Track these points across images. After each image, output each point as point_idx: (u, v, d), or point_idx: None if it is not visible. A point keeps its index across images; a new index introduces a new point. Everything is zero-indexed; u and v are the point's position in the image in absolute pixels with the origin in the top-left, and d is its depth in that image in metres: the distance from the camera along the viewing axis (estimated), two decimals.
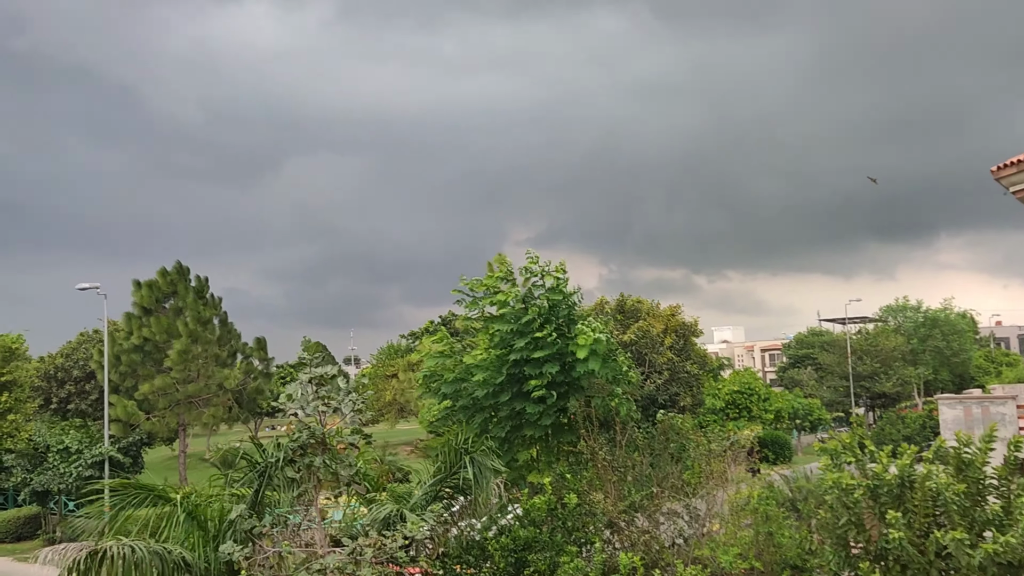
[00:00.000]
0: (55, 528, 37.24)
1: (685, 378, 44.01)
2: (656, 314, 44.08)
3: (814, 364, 74.08)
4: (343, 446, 10.68)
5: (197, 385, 38.73)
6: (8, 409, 40.43)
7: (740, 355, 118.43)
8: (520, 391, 19.67)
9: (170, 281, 40.42)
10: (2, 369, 40.35)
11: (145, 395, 38.49)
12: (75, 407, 52.21)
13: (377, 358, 77.49)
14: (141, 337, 39.17)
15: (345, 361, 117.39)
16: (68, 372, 53.10)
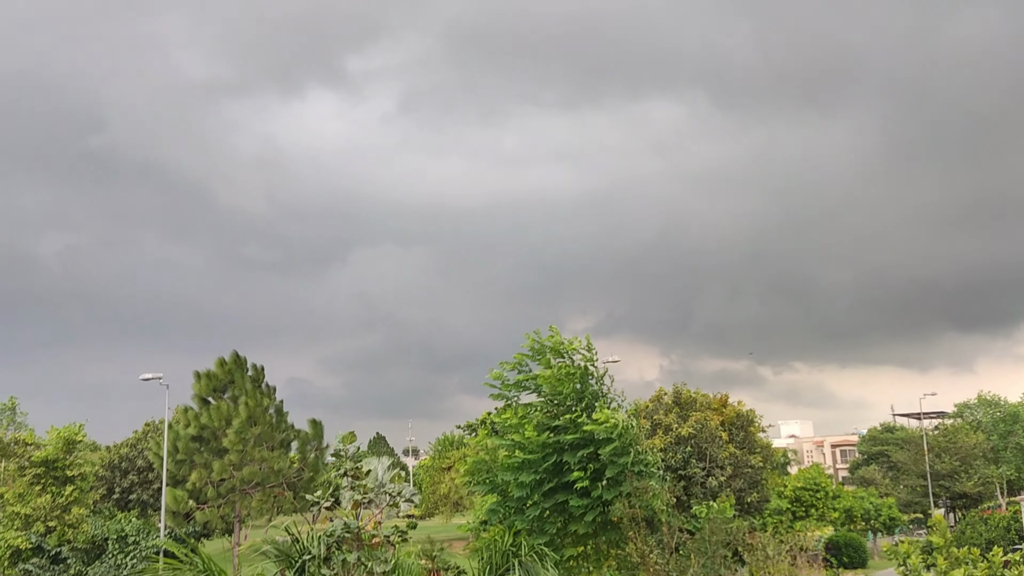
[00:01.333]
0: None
1: (749, 473, 42.42)
2: (712, 406, 42.95)
3: (888, 461, 70.94)
4: (378, 541, 10.38)
5: (252, 469, 38.69)
6: (72, 501, 41.00)
7: (809, 450, 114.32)
8: (561, 483, 19.10)
9: (227, 371, 41.05)
10: (65, 461, 41.12)
11: (198, 484, 38.61)
12: (137, 497, 52.73)
13: (433, 449, 76.80)
14: (199, 426, 39.61)
15: (404, 452, 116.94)
16: (132, 462, 53.88)
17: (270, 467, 39.08)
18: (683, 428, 40.02)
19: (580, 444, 19.07)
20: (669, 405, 42.35)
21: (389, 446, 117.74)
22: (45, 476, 40.84)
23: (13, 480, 40.83)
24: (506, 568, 13.38)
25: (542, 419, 19.87)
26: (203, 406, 40.33)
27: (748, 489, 42.11)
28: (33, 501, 40.07)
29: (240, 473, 38.59)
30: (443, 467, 64.31)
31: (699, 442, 40.25)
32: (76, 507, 41.16)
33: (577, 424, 19.11)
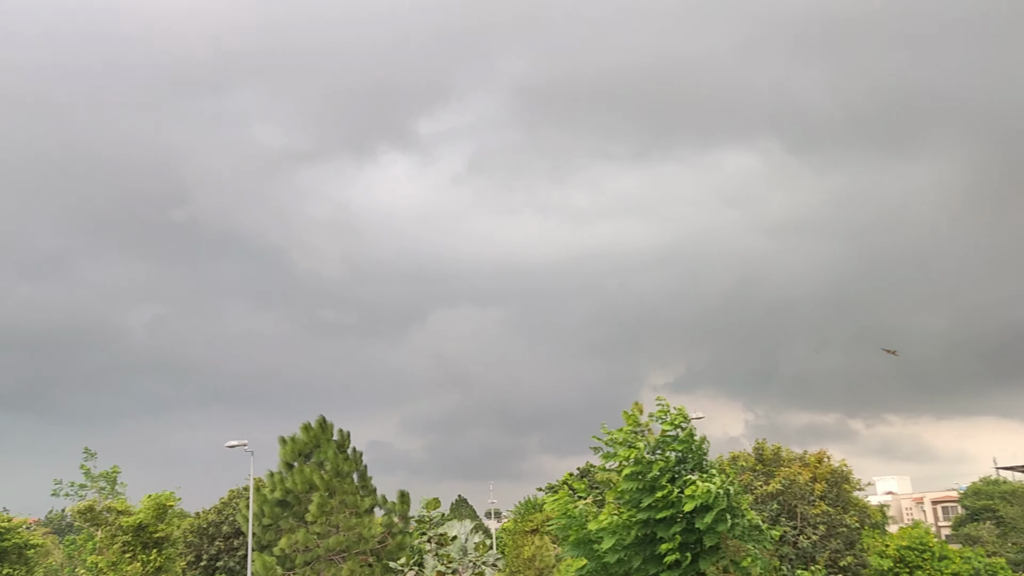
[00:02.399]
0: None
1: (844, 532, 40.48)
2: (801, 461, 41.28)
3: (995, 518, 66.94)
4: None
5: (338, 538, 38.71)
6: (159, 568, 41.67)
7: (908, 507, 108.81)
8: (652, 554, 18.43)
9: (313, 436, 41.43)
10: (155, 527, 41.95)
11: (284, 550, 38.78)
12: (224, 564, 53.29)
13: (516, 512, 75.79)
14: (283, 491, 39.96)
15: (486, 515, 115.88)
16: (218, 528, 54.63)
17: (356, 534, 39.04)
18: (769, 485, 38.58)
19: (673, 519, 18.47)
20: (751, 464, 40.95)
21: (471, 507, 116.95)
22: (134, 542, 41.65)
23: (106, 548, 41.73)
24: None
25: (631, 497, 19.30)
26: (288, 471, 40.75)
27: (844, 551, 40.16)
28: (124, 568, 40.83)
29: (326, 541, 38.66)
30: (526, 530, 63.34)
31: (787, 499, 38.72)
32: (164, 574, 41.76)
33: (669, 500, 18.48)
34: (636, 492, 18.82)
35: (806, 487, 39.45)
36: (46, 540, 66.38)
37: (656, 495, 18.40)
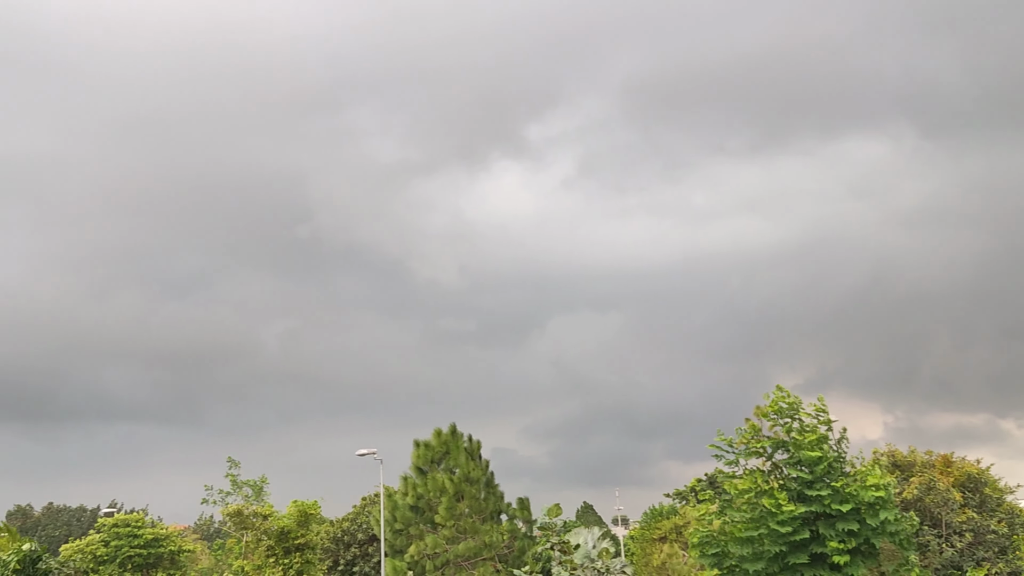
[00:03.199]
0: None
1: (994, 540, 38.26)
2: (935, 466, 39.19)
3: None
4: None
5: (466, 544, 39.54)
6: (300, 572, 43.66)
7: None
8: (810, 556, 17.81)
9: (443, 442, 42.62)
10: (298, 532, 44.00)
11: (414, 556, 39.91)
12: (360, 569, 55.19)
13: (643, 520, 75.00)
14: (415, 496, 41.19)
15: (613, 522, 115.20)
16: (353, 535, 56.61)
17: (482, 540, 39.80)
18: (906, 491, 36.89)
19: (838, 515, 17.92)
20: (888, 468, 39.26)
21: (597, 515, 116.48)
22: (277, 547, 43.79)
23: (252, 552, 44.04)
24: None
25: (793, 486, 18.81)
26: (419, 476, 42.00)
27: (994, 559, 37.96)
28: (268, 572, 42.97)
29: (455, 547, 39.57)
30: (654, 537, 62.70)
31: (927, 507, 36.94)
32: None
33: (838, 492, 17.94)
34: (797, 484, 18.32)
35: (946, 492, 37.51)
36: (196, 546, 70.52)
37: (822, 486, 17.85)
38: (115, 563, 51.80)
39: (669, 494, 78.06)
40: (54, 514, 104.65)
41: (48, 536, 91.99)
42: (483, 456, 43.34)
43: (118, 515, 55.49)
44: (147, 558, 53.27)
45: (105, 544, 52.33)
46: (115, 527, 52.97)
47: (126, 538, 52.45)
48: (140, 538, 52.59)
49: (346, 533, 56.85)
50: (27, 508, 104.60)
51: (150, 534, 53.04)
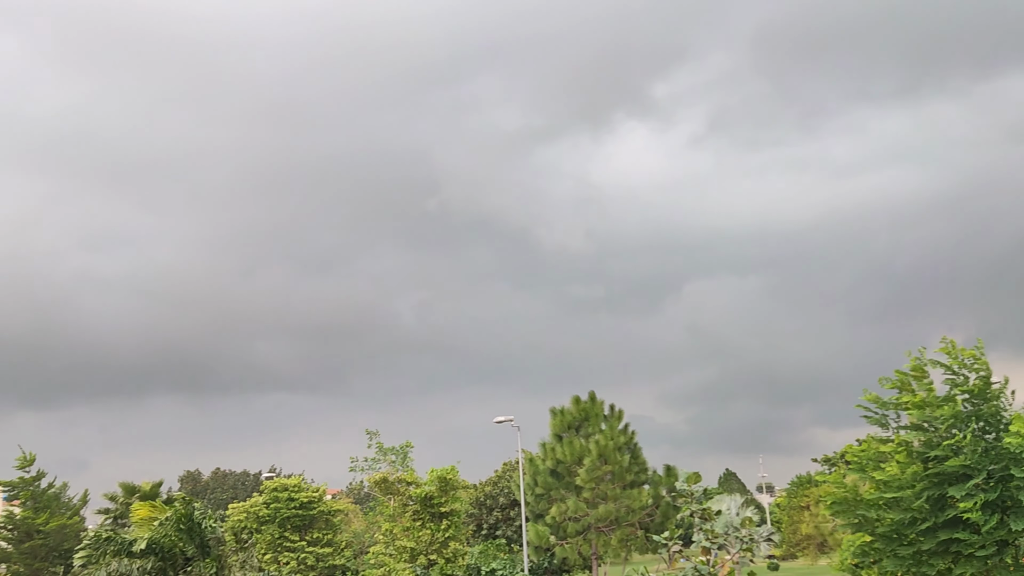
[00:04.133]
0: None
1: None
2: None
3: None
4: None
5: (607, 507, 39.45)
6: (449, 537, 44.85)
7: None
8: (947, 519, 16.70)
9: (582, 409, 42.66)
10: (441, 499, 45.13)
11: (556, 518, 40.19)
12: (502, 532, 56.28)
13: (790, 488, 72.98)
14: (555, 460, 41.43)
15: (757, 489, 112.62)
16: (495, 500, 57.70)
17: (625, 506, 39.62)
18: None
19: (967, 474, 16.67)
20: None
21: (740, 482, 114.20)
22: (423, 512, 45.10)
23: (399, 516, 45.52)
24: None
25: (916, 449, 17.65)
26: (557, 442, 42.22)
27: None
28: (415, 535, 44.34)
29: (595, 511, 39.58)
30: (802, 505, 60.80)
31: None
32: (452, 542, 44.83)
33: (961, 449, 16.73)
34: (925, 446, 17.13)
35: None
36: (348, 507, 73.79)
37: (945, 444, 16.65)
38: (275, 523, 54.82)
39: (817, 459, 75.57)
40: (220, 478, 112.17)
41: (216, 499, 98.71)
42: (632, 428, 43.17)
43: (277, 479, 58.60)
44: (304, 519, 56.09)
45: (267, 505, 55.47)
46: (275, 490, 56.01)
47: (284, 501, 55.38)
48: (296, 501, 55.42)
49: (488, 497, 58.00)
50: (196, 473, 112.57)
51: (305, 497, 55.79)
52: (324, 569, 57.73)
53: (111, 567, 20.60)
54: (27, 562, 46.45)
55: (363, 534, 63.40)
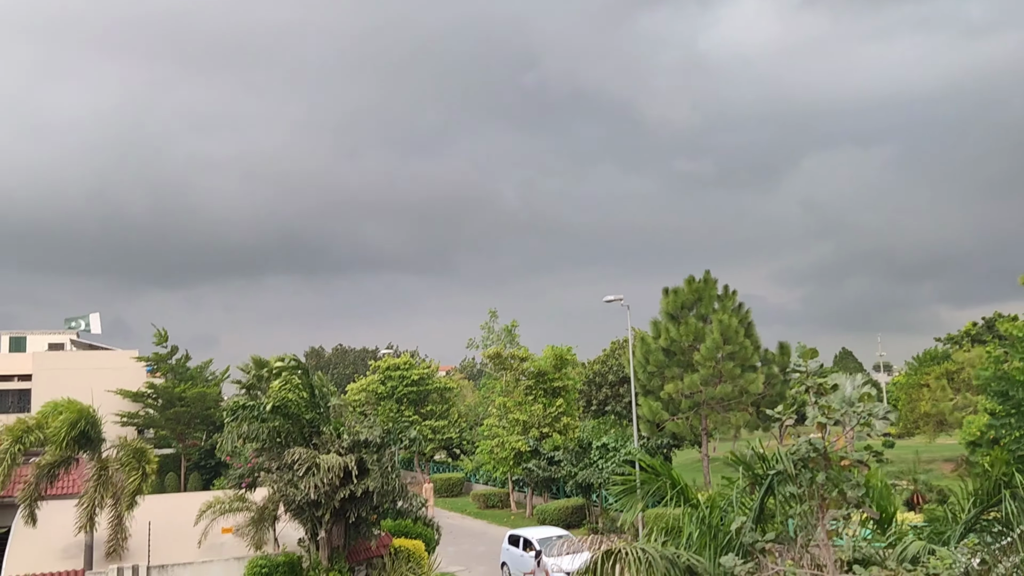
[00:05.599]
0: (597, 519, 41.04)
1: None
2: None
3: None
4: (848, 463, 9.66)
5: (723, 388, 39.50)
6: (562, 411, 46.07)
7: None
8: None
9: (695, 289, 42.23)
10: (554, 375, 46.17)
11: (670, 395, 40.54)
12: (612, 409, 57.33)
13: (910, 366, 71.07)
14: (668, 339, 41.46)
15: (874, 368, 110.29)
16: (604, 377, 58.56)
17: (740, 386, 39.53)
18: None
19: None
20: None
21: (857, 361, 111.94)
22: (536, 388, 46.30)
23: (512, 390, 46.93)
24: (997, 499, 11.63)
25: None
26: (670, 321, 42.11)
27: None
28: (528, 409, 45.72)
29: (710, 389, 39.68)
30: (922, 383, 59.20)
31: None
32: (565, 416, 46.03)
33: None
34: None
35: None
36: (461, 383, 76.53)
37: None
38: (392, 399, 57.52)
39: (940, 339, 73.00)
40: (342, 354, 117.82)
41: (339, 374, 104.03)
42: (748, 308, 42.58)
43: (387, 358, 61.04)
44: (418, 394, 58.63)
45: (382, 383, 58.14)
46: (387, 369, 58.50)
47: (398, 379, 57.88)
48: (409, 378, 57.82)
49: (597, 375, 58.88)
50: (320, 349, 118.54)
51: (416, 375, 58.08)
52: (441, 440, 60.60)
53: (242, 429, 22.13)
54: (171, 427, 50.38)
55: (476, 408, 65.79)
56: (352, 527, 23.19)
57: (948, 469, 48.18)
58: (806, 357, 9.89)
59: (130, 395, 52.57)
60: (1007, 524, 11.61)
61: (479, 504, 52.02)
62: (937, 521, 12.41)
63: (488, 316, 53.52)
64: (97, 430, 22.79)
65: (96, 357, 58.90)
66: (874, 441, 10.87)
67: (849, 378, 39.96)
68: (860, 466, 9.74)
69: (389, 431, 23.82)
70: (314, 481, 20.99)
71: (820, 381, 9.96)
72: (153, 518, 23.75)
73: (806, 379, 9.93)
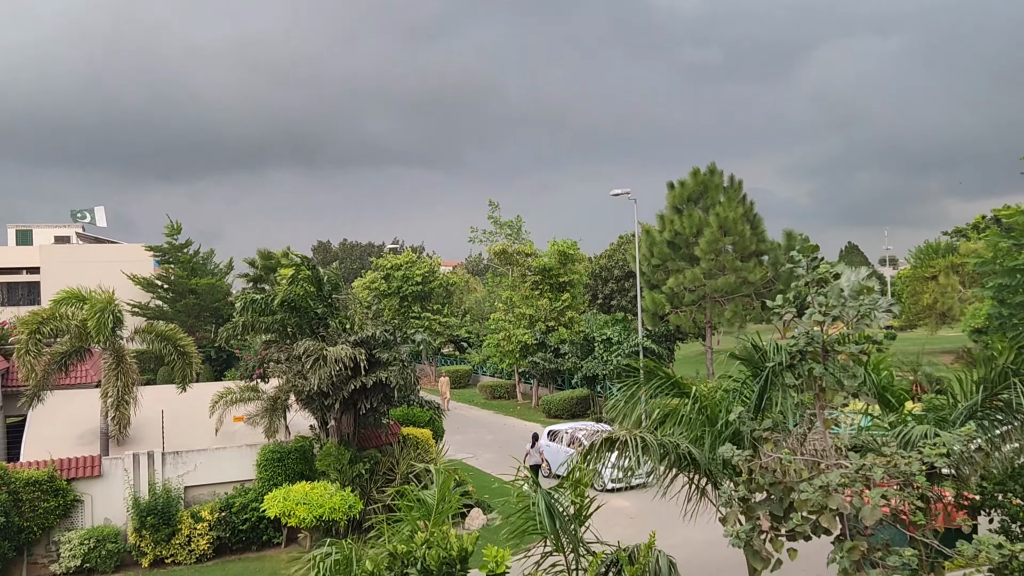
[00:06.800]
0: (601, 409, 41.93)
1: None
2: None
3: None
4: (846, 355, 9.73)
5: (725, 279, 39.61)
6: (568, 306, 46.36)
7: None
8: None
9: (700, 181, 41.84)
10: (560, 271, 46.24)
11: (673, 288, 40.75)
12: (617, 303, 57.73)
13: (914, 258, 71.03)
14: (672, 232, 41.37)
15: (880, 262, 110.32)
16: (610, 272, 58.72)
17: (742, 277, 39.58)
18: None
19: None
20: None
21: (863, 255, 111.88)
22: (543, 283, 46.48)
23: (519, 285, 47.15)
24: (1004, 387, 11.78)
25: None
26: (675, 215, 41.91)
27: None
28: (534, 304, 46.04)
29: (712, 282, 39.79)
30: (926, 276, 59.29)
31: None
32: (570, 311, 46.36)
33: None
34: None
35: None
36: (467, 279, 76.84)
37: None
38: (396, 296, 57.85)
39: (947, 232, 72.71)
40: (348, 249, 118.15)
41: (347, 268, 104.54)
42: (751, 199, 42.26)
43: (389, 256, 61.02)
44: (423, 291, 58.92)
45: (385, 280, 58.33)
46: (389, 268, 58.58)
47: (401, 278, 58.02)
48: (412, 278, 57.94)
49: (603, 269, 59.04)
50: (327, 244, 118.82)
51: (419, 274, 58.16)
52: (449, 334, 61.29)
53: (250, 321, 22.48)
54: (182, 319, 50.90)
55: (483, 302, 66.26)
56: (361, 417, 23.75)
57: (948, 361, 48.76)
58: (806, 252, 9.84)
59: (142, 283, 52.91)
60: (1009, 411, 11.81)
61: (486, 395, 53.08)
62: (938, 409, 12.60)
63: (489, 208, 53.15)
64: (120, 320, 23.11)
65: (104, 250, 59.06)
66: (876, 331, 10.93)
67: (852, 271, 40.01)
68: (859, 356, 9.82)
69: (396, 331, 24.07)
70: (321, 373, 21.37)
71: (820, 274, 9.94)
72: (166, 407, 24.31)
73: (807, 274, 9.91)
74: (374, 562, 8.83)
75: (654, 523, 13.98)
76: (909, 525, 10.64)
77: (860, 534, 9.65)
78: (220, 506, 22.03)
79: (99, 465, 21.62)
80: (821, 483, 9.08)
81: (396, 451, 24.50)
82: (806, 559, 10.74)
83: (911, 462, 9.20)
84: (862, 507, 8.88)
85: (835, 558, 9.43)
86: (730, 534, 9.61)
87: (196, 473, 22.68)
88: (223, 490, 22.83)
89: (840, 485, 9.03)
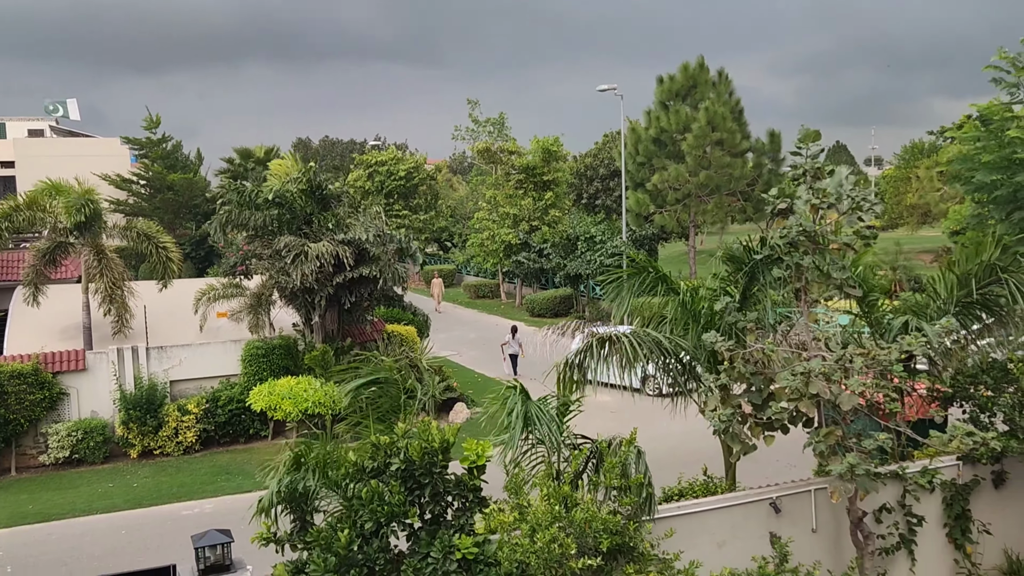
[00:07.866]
0: (584, 308, 42.25)
1: None
2: None
3: None
4: (837, 246, 9.71)
5: (708, 174, 39.22)
6: (551, 205, 46.06)
7: None
8: None
9: (689, 76, 41.04)
10: (544, 169, 45.73)
11: (657, 186, 40.44)
12: (601, 203, 57.44)
13: (899, 158, 70.85)
14: (659, 128, 40.81)
15: (866, 162, 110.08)
16: (595, 171, 58.20)
17: (728, 173, 39.22)
18: None
19: None
20: None
21: (850, 155, 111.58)
22: (527, 182, 46.04)
23: (503, 184, 46.70)
24: (988, 282, 11.87)
25: None
26: (662, 111, 41.25)
27: None
28: (518, 203, 45.72)
29: (696, 178, 39.44)
30: (910, 176, 59.25)
31: None
32: (553, 210, 46.14)
33: None
34: None
35: None
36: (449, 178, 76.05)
37: None
38: (381, 194, 57.24)
39: (933, 132, 72.35)
40: (329, 146, 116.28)
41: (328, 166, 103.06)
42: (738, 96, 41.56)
43: (372, 152, 60.09)
44: (407, 188, 58.28)
45: (369, 178, 57.58)
46: (373, 164, 57.74)
47: (385, 174, 57.27)
48: (396, 174, 57.20)
49: (588, 168, 58.50)
50: (307, 140, 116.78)
51: (403, 169, 57.38)
52: (431, 232, 61.04)
53: (233, 216, 22.20)
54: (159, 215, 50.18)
55: (466, 201, 65.81)
56: (346, 313, 23.79)
57: (928, 260, 49.27)
58: (807, 140, 9.67)
59: (115, 182, 52.03)
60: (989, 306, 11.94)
61: (470, 294, 53.32)
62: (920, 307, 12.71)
63: (469, 106, 52.15)
64: (99, 213, 22.79)
65: (80, 144, 57.81)
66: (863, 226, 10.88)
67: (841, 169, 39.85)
68: (848, 250, 9.80)
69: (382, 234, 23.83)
70: (304, 268, 21.27)
71: (817, 165, 9.81)
72: (149, 304, 24.23)
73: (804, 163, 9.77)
74: (357, 452, 8.98)
75: (634, 418, 14.22)
76: (883, 415, 10.89)
77: (835, 423, 9.85)
78: (206, 399, 22.24)
79: (83, 359, 21.65)
80: (802, 370, 9.20)
81: (380, 348, 24.67)
82: (781, 448, 11.00)
83: (891, 351, 9.32)
84: (840, 394, 9.04)
85: (811, 442, 9.66)
86: (711, 418, 9.78)
87: (181, 368, 22.79)
88: (209, 384, 23.01)
89: (820, 373, 9.15)
